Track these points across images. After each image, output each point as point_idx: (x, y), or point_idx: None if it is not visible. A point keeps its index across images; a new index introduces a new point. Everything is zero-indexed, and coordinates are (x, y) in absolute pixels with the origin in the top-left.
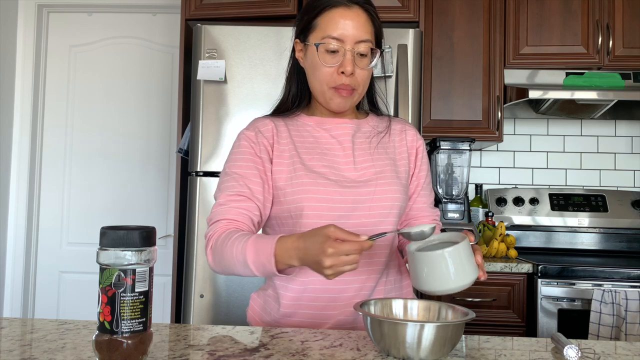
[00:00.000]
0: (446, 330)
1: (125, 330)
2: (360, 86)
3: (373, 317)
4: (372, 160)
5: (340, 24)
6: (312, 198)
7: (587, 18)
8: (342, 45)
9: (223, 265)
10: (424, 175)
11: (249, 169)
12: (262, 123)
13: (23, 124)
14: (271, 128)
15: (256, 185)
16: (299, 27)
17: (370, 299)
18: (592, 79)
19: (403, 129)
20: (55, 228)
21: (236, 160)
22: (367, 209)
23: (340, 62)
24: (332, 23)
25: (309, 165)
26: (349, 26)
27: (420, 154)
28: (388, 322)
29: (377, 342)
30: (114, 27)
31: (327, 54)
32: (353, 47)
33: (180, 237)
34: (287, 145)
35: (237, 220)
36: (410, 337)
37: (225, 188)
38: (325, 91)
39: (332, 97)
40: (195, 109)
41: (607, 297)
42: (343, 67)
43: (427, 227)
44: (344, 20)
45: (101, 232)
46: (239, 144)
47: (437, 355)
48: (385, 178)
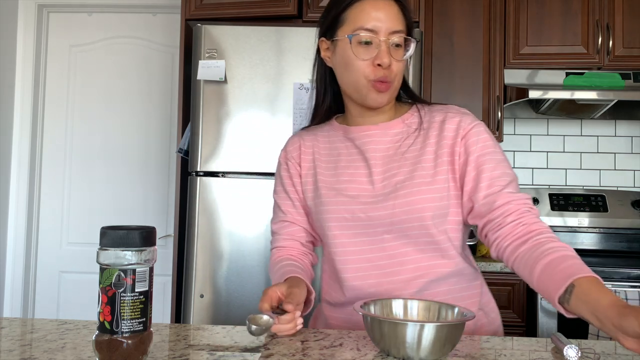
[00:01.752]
0: (446, 330)
1: (125, 330)
2: (396, 79)
3: (373, 317)
4: (397, 167)
5: (372, 15)
6: (332, 218)
7: (587, 18)
8: (376, 36)
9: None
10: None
11: (285, 193)
12: (291, 142)
13: (23, 124)
14: (298, 146)
15: (293, 208)
16: (324, 24)
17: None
18: (592, 79)
19: (443, 119)
20: (55, 228)
21: (275, 185)
22: (389, 224)
23: (376, 54)
24: (363, 14)
25: (330, 182)
26: (381, 17)
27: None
28: (388, 322)
29: (377, 342)
30: (114, 27)
31: (360, 47)
32: (387, 38)
33: (180, 237)
34: (312, 162)
35: (286, 247)
36: (410, 337)
37: (273, 215)
38: (362, 86)
39: (368, 92)
40: (195, 109)
41: None
42: (380, 59)
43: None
44: (376, 11)
45: (101, 232)
46: (277, 169)
47: (437, 355)
48: (409, 187)
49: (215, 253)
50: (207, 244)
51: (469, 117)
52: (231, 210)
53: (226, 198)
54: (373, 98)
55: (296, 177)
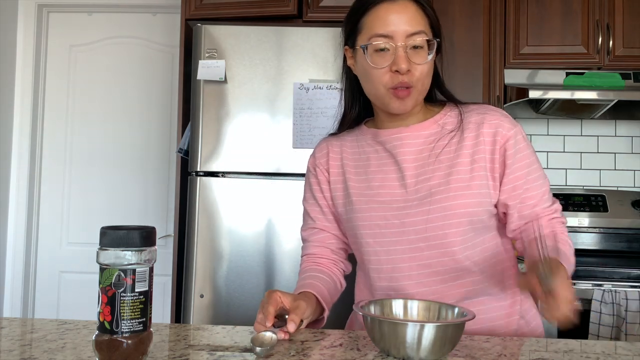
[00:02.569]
0: (446, 330)
1: (125, 330)
2: (419, 83)
3: (373, 317)
4: (432, 171)
5: (386, 20)
6: (364, 225)
7: (587, 18)
8: (392, 42)
9: None
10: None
11: (313, 199)
12: (319, 148)
13: (23, 124)
14: (326, 153)
15: (322, 214)
16: (345, 32)
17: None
18: (592, 79)
19: (481, 122)
20: (55, 228)
21: (305, 192)
22: (423, 231)
23: (393, 61)
24: (377, 20)
25: (360, 188)
26: (396, 20)
27: (512, 149)
28: (388, 322)
29: (377, 342)
30: (114, 27)
31: (376, 54)
32: (405, 42)
33: (180, 237)
34: (340, 168)
35: (315, 254)
36: (410, 337)
37: (303, 223)
38: (383, 95)
39: (389, 101)
40: (195, 109)
41: (607, 297)
42: (397, 66)
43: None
44: (390, 15)
45: (101, 232)
46: (306, 176)
47: (437, 355)
48: (444, 192)
49: (215, 253)
50: (207, 244)
51: (507, 120)
52: (231, 210)
53: (226, 198)
54: (395, 106)
55: (324, 183)
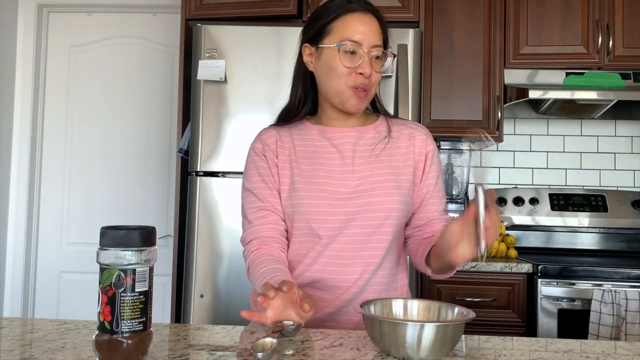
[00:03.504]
0: (446, 330)
1: (125, 330)
2: (373, 88)
3: (373, 317)
4: (371, 169)
5: (359, 28)
6: (307, 211)
7: (587, 18)
8: (360, 48)
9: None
10: (433, 182)
11: (263, 182)
12: (268, 135)
13: (23, 124)
14: (275, 140)
15: (273, 197)
16: (309, 32)
17: (370, 299)
18: (592, 79)
19: (412, 135)
20: (55, 228)
21: (250, 175)
22: (360, 220)
23: (359, 64)
24: (350, 27)
25: (307, 177)
26: (366, 31)
27: (430, 160)
28: (388, 322)
29: (377, 342)
30: (114, 27)
31: (346, 55)
32: (370, 51)
33: (180, 237)
34: (289, 156)
35: (267, 237)
36: (410, 337)
37: (248, 205)
38: (344, 91)
39: (349, 97)
40: (195, 109)
41: (607, 297)
42: (362, 69)
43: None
44: (361, 25)
45: (101, 232)
46: (250, 159)
47: (437, 355)
48: (382, 188)
49: (215, 253)
50: (207, 244)
51: (430, 137)
52: (231, 210)
53: (226, 198)
54: (353, 104)
55: (274, 167)
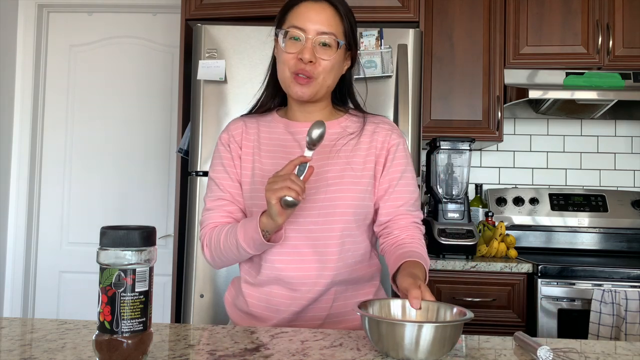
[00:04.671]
0: (445, 330)
1: (126, 330)
2: (320, 75)
3: (371, 318)
4: (329, 164)
5: (304, 15)
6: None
7: (587, 18)
8: (305, 34)
9: (220, 255)
10: (397, 176)
11: (225, 173)
12: (235, 125)
13: (23, 124)
14: (241, 131)
15: (233, 188)
16: (275, 23)
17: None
18: (592, 79)
19: (374, 130)
20: (56, 228)
21: (215, 165)
22: (316, 215)
23: (300, 50)
24: (298, 15)
25: (267, 170)
26: (312, 17)
27: (392, 154)
28: (386, 323)
29: (376, 343)
30: (114, 27)
31: (290, 42)
32: (314, 37)
33: (180, 237)
34: (252, 148)
35: (222, 223)
36: (409, 338)
37: (209, 194)
38: (287, 77)
39: (290, 84)
40: (195, 109)
41: (607, 297)
42: (302, 54)
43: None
44: (308, 12)
45: (101, 232)
46: (216, 149)
47: (437, 355)
48: (338, 184)
49: None
50: None
51: (395, 132)
52: None
53: None
54: (295, 90)
55: (237, 159)
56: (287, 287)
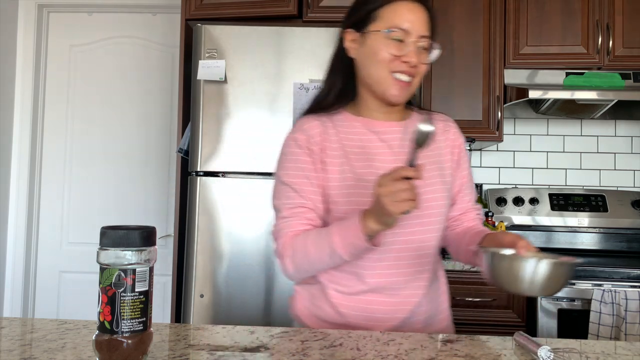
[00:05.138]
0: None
1: (126, 330)
2: (416, 80)
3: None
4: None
5: (408, 17)
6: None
7: (587, 18)
8: (408, 37)
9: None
10: (467, 173)
11: (305, 178)
12: (310, 125)
13: (23, 124)
14: (319, 131)
15: (314, 194)
16: (354, 17)
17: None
18: (592, 79)
19: (446, 128)
20: (56, 228)
21: (290, 168)
22: (414, 217)
23: (406, 53)
24: (399, 15)
25: (359, 173)
26: (415, 20)
27: (463, 152)
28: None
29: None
30: (114, 27)
31: (392, 42)
32: (417, 41)
33: (180, 237)
34: (337, 150)
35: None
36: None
37: (285, 200)
38: (386, 77)
39: (390, 86)
40: (195, 109)
41: (607, 297)
42: (408, 58)
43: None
44: (411, 14)
45: (101, 232)
46: (290, 151)
47: (551, 291)
48: (432, 185)
49: (215, 253)
50: (207, 244)
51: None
52: (231, 210)
53: (226, 198)
54: (393, 93)
55: (318, 163)
56: (389, 294)
